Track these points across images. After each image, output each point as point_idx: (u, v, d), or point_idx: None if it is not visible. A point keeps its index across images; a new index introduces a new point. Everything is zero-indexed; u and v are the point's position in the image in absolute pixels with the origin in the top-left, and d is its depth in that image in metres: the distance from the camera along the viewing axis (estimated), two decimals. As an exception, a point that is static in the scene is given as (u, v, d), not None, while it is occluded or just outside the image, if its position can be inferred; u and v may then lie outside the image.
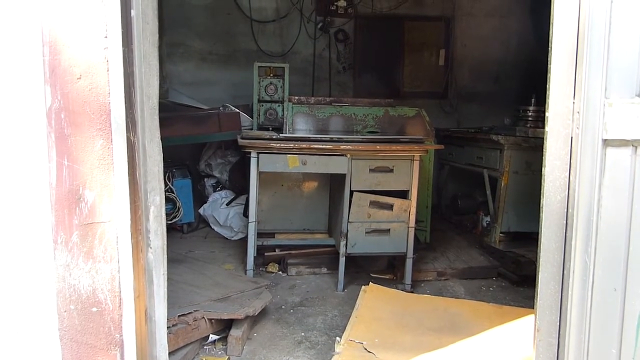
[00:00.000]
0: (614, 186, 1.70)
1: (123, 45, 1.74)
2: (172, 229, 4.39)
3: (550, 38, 1.75)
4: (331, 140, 3.50)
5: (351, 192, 3.44)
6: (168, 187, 4.18)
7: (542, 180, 1.81)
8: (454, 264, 3.93)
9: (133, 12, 1.78)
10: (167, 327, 2.08)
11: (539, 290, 1.85)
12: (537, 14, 5.84)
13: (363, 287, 3.28)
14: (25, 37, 1.73)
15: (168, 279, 2.02)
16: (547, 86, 1.77)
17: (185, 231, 4.54)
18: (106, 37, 1.72)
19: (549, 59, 1.75)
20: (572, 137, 1.74)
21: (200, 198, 4.78)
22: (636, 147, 1.68)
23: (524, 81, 5.92)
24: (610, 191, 1.70)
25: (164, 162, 1.98)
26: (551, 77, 1.75)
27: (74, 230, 1.78)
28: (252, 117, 4.44)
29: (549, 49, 1.76)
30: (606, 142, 1.70)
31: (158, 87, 1.94)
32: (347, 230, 3.47)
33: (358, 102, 4.29)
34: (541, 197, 1.82)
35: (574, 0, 1.70)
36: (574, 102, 1.72)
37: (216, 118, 4.36)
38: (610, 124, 1.68)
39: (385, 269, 3.88)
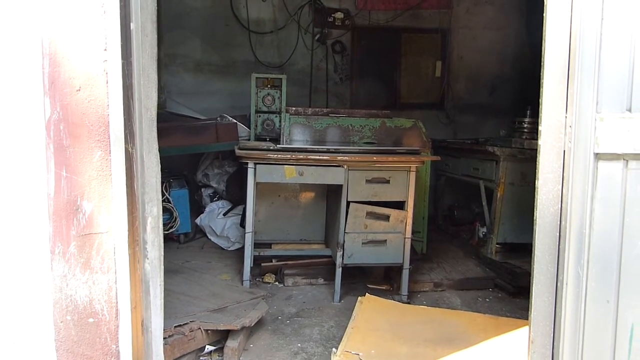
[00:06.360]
0: (606, 199, 1.72)
1: (122, 58, 1.76)
2: (169, 239, 4.39)
3: (542, 54, 1.79)
4: (328, 151, 3.52)
5: (348, 203, 3.45)
6: (165, 197, 4.19)
7: (536, 193, 1.83)
8: (450, 274, 3.93)
9: (132, 25, 1.81)
10: (164, 338, 2.08)
11: (532, 302, 1.86)
12: (533, 27, 5.90)
13: (359, 298, 3.28)
14: (26, 50, 1.75)
15: (164, 289, 2.02)
16: (540, 101, 1.79)
17: (182, 241, 4.54)
18: (105, 49, 1.75)
19: (541, 74, 1.79)
20: (564, 151, 1.77)
21: (197, 208, 4.78)
22: (627, 160, 1.71)
23: (519, 93, 5.97)
24: (602, 204, 1.73)
25: (161, 172, 2.00)
26: (544, 92, 1.78)
27: (72, 240, 1.79)
28: (249, 128, 4.47)
29: (542, 64, 1.79)
30: (598, 156, 1.72)
31: (156, 99, 1.96)
32: (344, 241, 3.48)
33: (355, 113, 4.31)
34: (535, 209, 1.85)
35: (565, 18, 1.74)
36: (566, 117, 1.75)
37: (214, 128, 4.38)
38: (601, 138, 1.70)
39: (381, 279, 3.88)
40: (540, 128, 1.81)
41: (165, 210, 4.05)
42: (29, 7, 1.73)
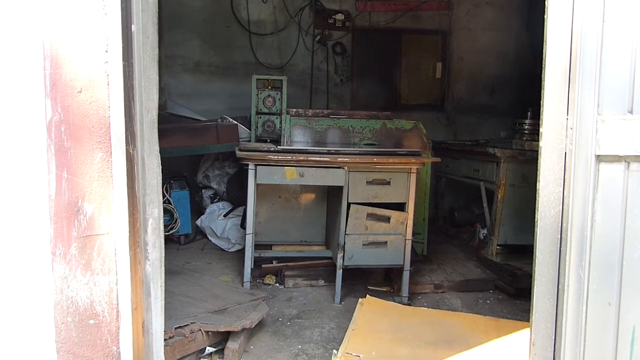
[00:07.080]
0: (607, 201, 1.72)
1: (123, 60, 1.77)
2: (170, 241, 4.39)
3: (543, 56, 1.79)
4: (328, 153, 3.51)
5: (348, 205, 3.45)
6: (166, 198, 4.19)
7: (537, 195, 1.83)
8: (450, 276, 3.93)
9: (134, 27, 1.81)
10: (164, 340, 2.08)
11: (534, 304, 1.86)
12: (533, 28, 5.91)
13: (360, 299, 3.28)
14: (27, 51, 1.75)
15: (165, 290, 2.02)
16: (541, 102, 1.79)
17: (182, 242, 4.54)
18: (107, 51, 1.75)
19: (542, 75, 1.78)
20: (565, 153, 1.77)
21: (197, 209, 4.78)
22: (628, 162, 1.71)
23: (520, 94, 5.97)
24: (604, 206, 1.73)
25: (162, 173, 2.00)
26: (545, 93, 1.78)
27: (73, 242, 1.78)
28: (250, 129, 4.47)
29: (543, 66, 1.79)
30: (599, 158, 1.72)
31: (157, 100, 1.96)
32: (344, 243, 3.48)
33: (355, 114, 4.31)
34: (536, 211, 1.85)
35: (566, 19, 1.74)
36: (567, 119, 1.75)
37: (214, 130, 4.38)
38: (602, 140, 1.70)
39: (382, 281, 3.88)
40: (541, 130, 1.81)
41: (165, 211, 4.05)
42: (30, 8, 1.73)
